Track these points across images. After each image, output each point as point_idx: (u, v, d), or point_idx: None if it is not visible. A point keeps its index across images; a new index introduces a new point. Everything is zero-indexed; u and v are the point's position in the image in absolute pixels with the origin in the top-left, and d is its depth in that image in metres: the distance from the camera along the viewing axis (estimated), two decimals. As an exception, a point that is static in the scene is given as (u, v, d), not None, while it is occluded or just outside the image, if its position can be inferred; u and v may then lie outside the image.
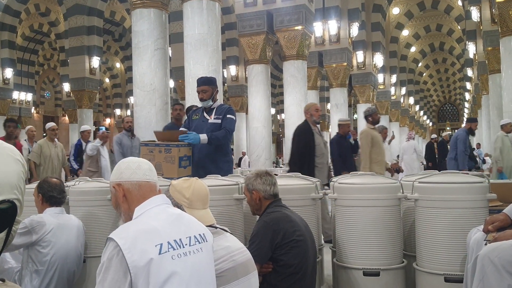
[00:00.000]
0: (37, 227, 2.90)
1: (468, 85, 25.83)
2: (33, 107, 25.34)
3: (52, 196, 3.10)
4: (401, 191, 3.16)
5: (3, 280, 1.27)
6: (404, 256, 3.24)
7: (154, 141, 4.23)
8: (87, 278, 3.32)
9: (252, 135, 11.22)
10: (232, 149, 17.61)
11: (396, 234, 3.11)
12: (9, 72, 18.17)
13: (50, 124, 7.95)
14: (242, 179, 3.43)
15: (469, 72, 23.02)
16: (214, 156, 4.37)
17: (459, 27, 24.09)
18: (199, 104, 4.70)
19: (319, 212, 3.69)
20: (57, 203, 3.13)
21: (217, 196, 3.00)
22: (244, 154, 17.72)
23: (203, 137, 4.18)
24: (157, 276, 1.54)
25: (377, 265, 3.04)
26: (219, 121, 4.39)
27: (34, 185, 3.30)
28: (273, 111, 26.19)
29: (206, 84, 4.45)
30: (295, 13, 11.02)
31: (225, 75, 17.89)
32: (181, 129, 4.63)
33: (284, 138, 12.84)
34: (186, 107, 6.25)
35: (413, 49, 29.33)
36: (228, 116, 4.40)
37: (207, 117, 4.42)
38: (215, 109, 4.46)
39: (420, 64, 33.45)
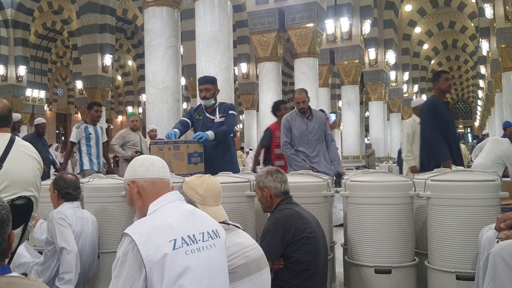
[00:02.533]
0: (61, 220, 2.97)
1: (481, 83, 25.59)
2: (46, 105, 25.55)
3: (67, 192, 3.16)
4: (413, 189, 3.16)
5: (26, 275, 1.31)
6: (416, 254, 3.24)
7: (163, 139, 4.28)
8: (101, 273, 3.36)
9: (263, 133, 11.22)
10: (242, 147, 17.65)
11: (408, 232, 3.11)
12: (22, 70, 18.37)
13: None
14: (253, 176, 3.45)
15: (482, 70, 22.82)
16: (215, 152, 4.47)
17: (472, 24, 23.85)
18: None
19: (331, 209, 3.70)
20: (73, 199, 3.19)
21: (228, 193, 3.02)
22: (247, 153, 17.54)
23: (210, 133, 4.27)
24: (171, 271, 1.57)
25: (388, 262, 3.04)
26: (224, 119, 4.50)
27: (49, 181, 3.35)
28: (284, 108, 26.08)
29: (210, 83, 4.55)
30: (307, 11, 10.99)
31: (236, 73, 17.90)
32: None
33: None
34: (197, 106, 6.28)
35: (425, 46, 29.10)
36: (230, 112, 4.52)
37: (212, 117, 4.50)
38: (217, 108, 4.54)
39: (432, 62, 33.18)
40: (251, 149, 17.50)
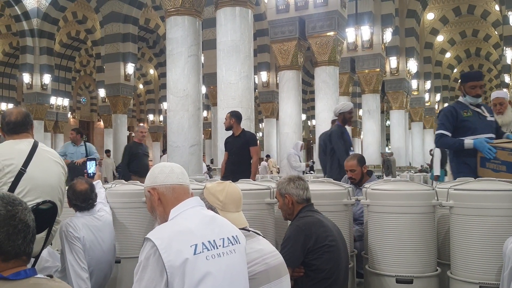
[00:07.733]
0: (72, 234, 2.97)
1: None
2: (70, 112, 26.00)
3: (75, 204, 3.13)
4: (436, 198, 3.12)
5: (51, 276, 1.33)
6: (438, 264, 3.19)
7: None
8: (123, 278, 3.38)
9: (282, 141, 11.21)
10: (268, 155, 17.65)
11: (430, 242, 3.07)
12: (47, 78, 18.70)
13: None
14: (273, 184, 3.45)
15: (506, 79, 22.41)
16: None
17: (496, 32, 23.52)
18: None
19: (351, 218, 3.67)
20: (83, 210, 3.14)
21: (249, 200, 3.02)
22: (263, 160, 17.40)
23: None
24: (192, 276, 1.58)
25: (410, 272, 3.01)
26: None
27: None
28: (304, 117, 26.09)
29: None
30: (328, 19, 10.97)
31: (256, 81, 17.95)
32: None
33: (315, 144, 12.77)
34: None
35: (448, 55, 28.77)
36: None
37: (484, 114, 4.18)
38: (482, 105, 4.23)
39: (455, 70, 32.76)
40: (268, 156, 17.42)
